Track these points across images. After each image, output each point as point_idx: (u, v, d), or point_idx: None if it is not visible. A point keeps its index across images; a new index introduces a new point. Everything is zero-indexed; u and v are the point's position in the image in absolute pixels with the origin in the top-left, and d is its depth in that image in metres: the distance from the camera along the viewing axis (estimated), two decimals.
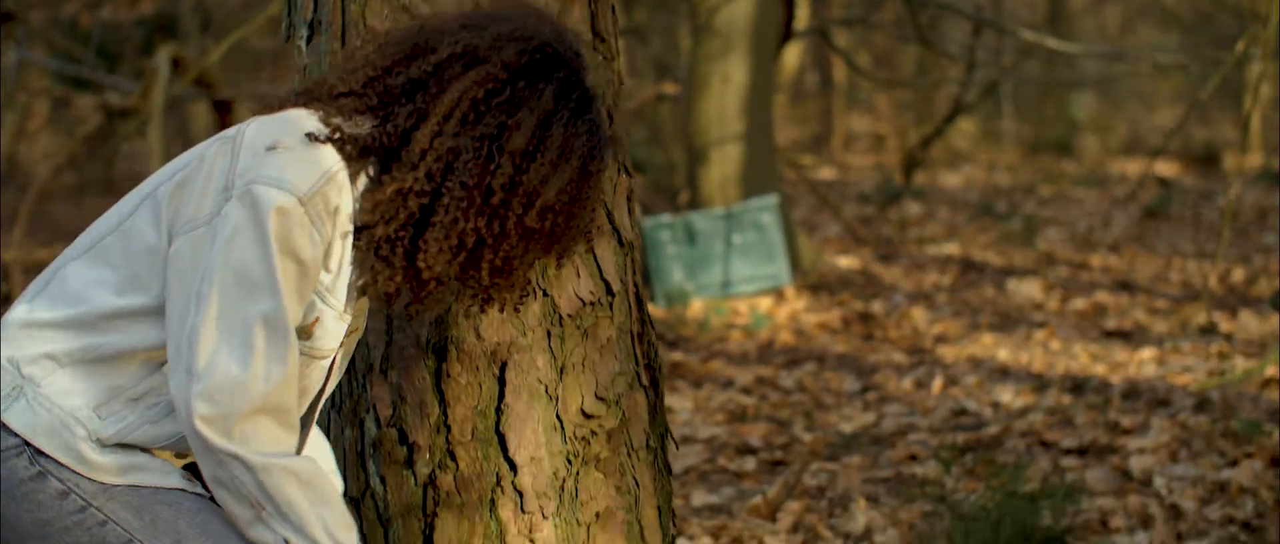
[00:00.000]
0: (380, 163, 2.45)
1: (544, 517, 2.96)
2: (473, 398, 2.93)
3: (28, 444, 2.40)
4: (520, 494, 2.95)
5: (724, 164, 9.58)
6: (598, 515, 3.02)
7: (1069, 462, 5.42)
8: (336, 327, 2.50)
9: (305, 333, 2.46)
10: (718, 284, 9.28)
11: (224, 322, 2.34)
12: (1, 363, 2.43)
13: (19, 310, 2.47)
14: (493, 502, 2.94)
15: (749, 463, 5.72)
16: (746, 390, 6.91)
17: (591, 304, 3.01)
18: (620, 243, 3.05)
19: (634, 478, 3.07)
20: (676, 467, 5.65)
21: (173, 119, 13.33)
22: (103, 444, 2.42)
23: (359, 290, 2.48)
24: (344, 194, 2.41)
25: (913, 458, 5.63)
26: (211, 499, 2.48)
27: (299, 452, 2.58)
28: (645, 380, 3.11)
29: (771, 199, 9.39)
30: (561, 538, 2.98)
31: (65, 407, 2.41)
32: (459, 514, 2.94)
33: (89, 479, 2.42)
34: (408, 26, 2.57)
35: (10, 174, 11.16)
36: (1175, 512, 4.89)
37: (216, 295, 2.34)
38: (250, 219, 2.35)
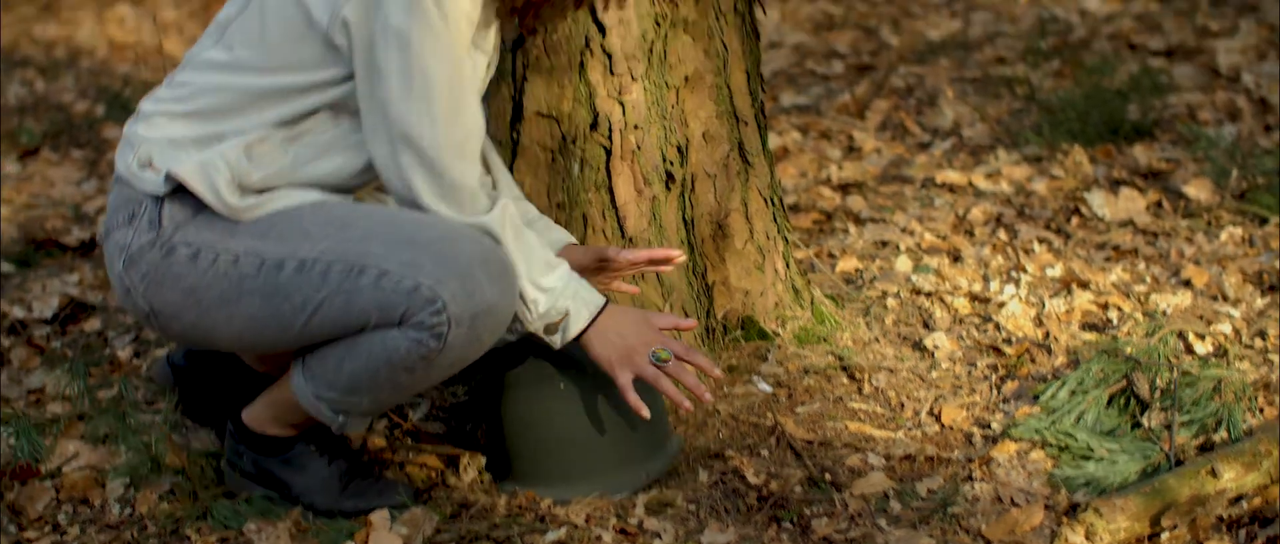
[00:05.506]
0: None
1: (633, 78, 2.99)
2: None
3: (160, 205, 2.56)
4: (609, 56, 2.97)
5: None
6: (686, 78, 3.05)
7: (1156, 62, 5.39)
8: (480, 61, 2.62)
9: None
10: None
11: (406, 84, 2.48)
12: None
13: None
14: (582, 65, 2.97)
15: (837, 67, 5.72)
16: None
17: None
18: None
19: (722, 41, 3.09)
20: (764, 71, 5.65)
21: None
22: (243, 189, 2.55)
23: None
24: None
25: (1000, 60, 5.61)
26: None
27: None
28: None
29: None
30: (650, 101, 3.01)
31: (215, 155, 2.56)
32: (548, 77, 2.98)
33: (218, 220, 2.55)
34: None
35: None
36: (1263, 105, 4.87)
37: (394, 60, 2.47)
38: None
